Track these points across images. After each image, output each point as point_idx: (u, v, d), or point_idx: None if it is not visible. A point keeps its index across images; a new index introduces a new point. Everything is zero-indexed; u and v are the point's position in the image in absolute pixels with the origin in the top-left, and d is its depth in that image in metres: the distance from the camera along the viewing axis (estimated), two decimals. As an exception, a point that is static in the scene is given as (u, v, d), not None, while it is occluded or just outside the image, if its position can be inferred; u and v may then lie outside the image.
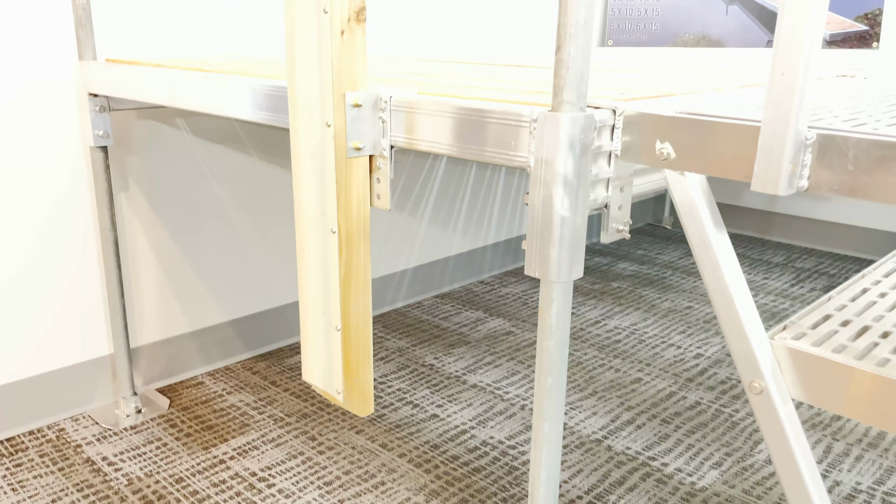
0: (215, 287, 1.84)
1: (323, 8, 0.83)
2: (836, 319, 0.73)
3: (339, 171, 0.89)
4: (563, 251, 0.73)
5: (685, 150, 0.69)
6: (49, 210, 1.52)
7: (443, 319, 2.19)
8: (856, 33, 2.76)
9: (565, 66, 0.69)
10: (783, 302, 2.36)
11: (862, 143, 0.57)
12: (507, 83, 1.06)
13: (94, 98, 1.47)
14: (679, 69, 1.40)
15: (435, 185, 2.30)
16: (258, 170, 1.86)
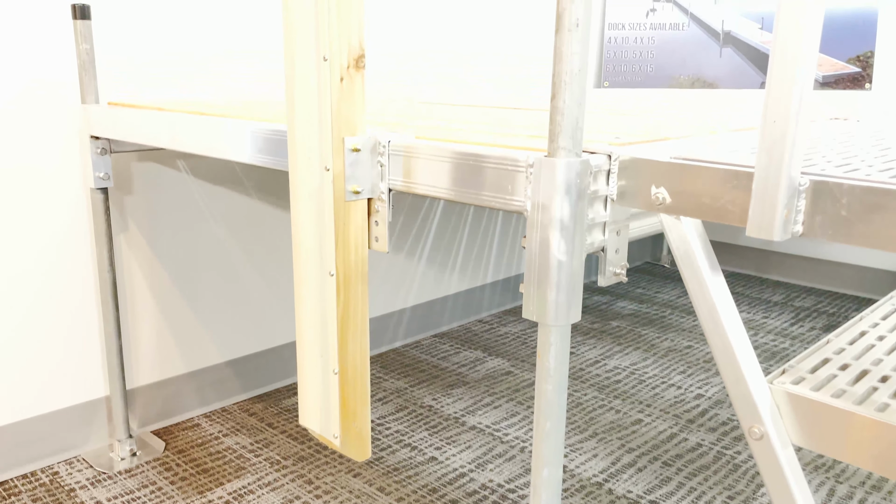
0: (213, 327, 1.84)
1: (323, 55, 0.84)
2: (835, 363, 0.73)
3: (338, 214, 0.90)
4: (561, 295, 0.73)
5: (680, 196, 0.69)
6: (48, 252, 1.53)
7: (441, 359, 2.18)
8: (848, 75, 2.81)
9: (560, 113, 0.70)
10: (783, 341, 2.35)
11: (855, 190, 0.58)
12: (503, 126, 1.08)
13: (96, 140, 1.49)
14: (673, 112, 1.41)
15: (433, 224, 2.31)
16: (257, 211, 1.87)
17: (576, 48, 0.68)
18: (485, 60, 2.42)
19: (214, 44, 1.72)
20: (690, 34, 2.91)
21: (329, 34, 0.83)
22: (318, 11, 0.82)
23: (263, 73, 1.83)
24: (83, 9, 1.45)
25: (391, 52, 2.12)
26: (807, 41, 0.57)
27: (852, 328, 0.85)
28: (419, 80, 2.22)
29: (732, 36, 2.88)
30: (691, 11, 2.89)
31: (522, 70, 2.57)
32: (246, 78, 1.80)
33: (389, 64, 2.13)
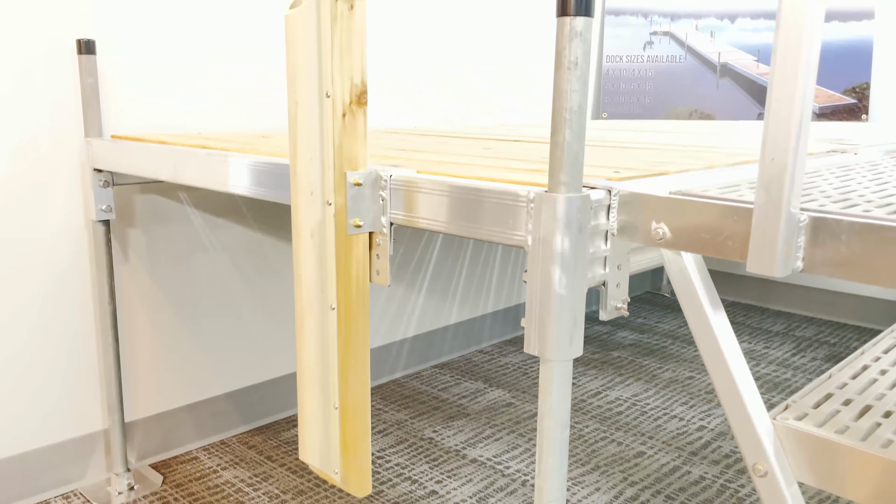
0: (213, 359, 1.83)
1: (325, 92, 0.85)
2: (838, 398, 0.73)
3: (340, 247, 0.90)
4: (563, 329, 0.73)
5: (680, 231, 0.70)
6: (48, 284, 1.53)
7: (442, 390, 2.16)
8: (844, 106, 2.83)
9: (561, 149, 0.71)
10: (784, 372, 2.34)
11: (854, 226, 0.58)
12: (505, 160, 1.08)
13: (99, 173, 1.50)
14: (672, 145, 1.43)
15: (434, 253, 2.32)
16: (258, 242, 1.88)
17: (575, 86, 0.69)
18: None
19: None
20: (687, 66, 2.95)
21: (332, 72, 0.84)
22: (320, 50, 0.83)
23: (267, 104, 1.85)
24: (88, 44, 1.47)
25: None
26: (804, 80, 0.58)
27: (854, 362, 0.85)
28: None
29: (729, 68, 2.91)
30: (688, 44, 2.93)
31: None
32: (250, 110, 1.81)
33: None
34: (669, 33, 2.95)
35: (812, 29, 0.57)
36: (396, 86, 2.16)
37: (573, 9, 0.67)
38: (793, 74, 0.58)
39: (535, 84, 2.63)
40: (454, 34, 2.30)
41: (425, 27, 2.21)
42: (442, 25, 2.26)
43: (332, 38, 0.83)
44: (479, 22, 2.38)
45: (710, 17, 2.91)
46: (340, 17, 0.83)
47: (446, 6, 2.26)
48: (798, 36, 0.57)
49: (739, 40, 2.91)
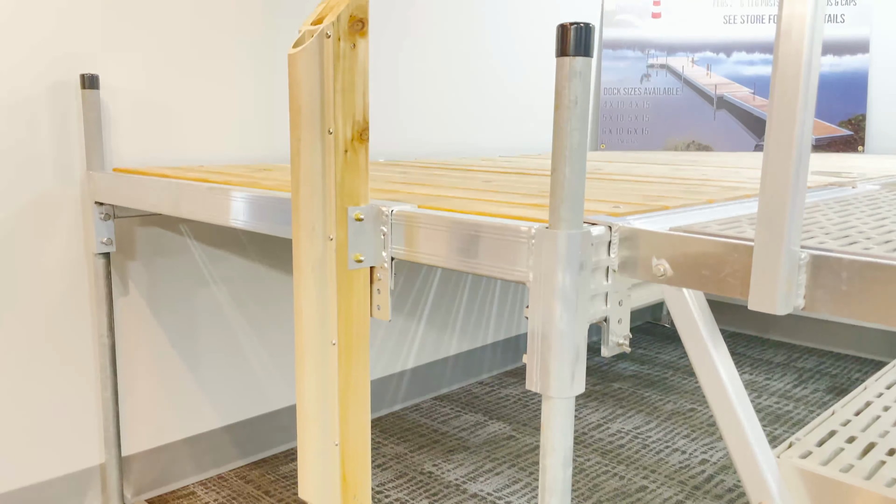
0: (211, 392, 1.82)
1: (328, 129, 0.86)
2: (842, 436, 0.73)
3: (341, 282, 0.90)
4: (564, 366, 0.73)
5: (681, 267, 0.70)
6: (48, 316, 1.52)
7: (442, 423, 2.15)
8: (841, 138, 2.86)
9: (561, 186, 0.71)
10: (786, 404, 2.32)
11: (854, 264, 0.58)
12: (505, 193, 1.09)
13: (100, 206, 1.50)
14: (670, 178, 1.43)
15: (434, 283, 2.32)
16: (258, 274, 1.88)
17: (575, 124, 0.70)
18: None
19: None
20: (685, 98, 2.98)
21: (334, 109, 0.85)
22: (323, 88, 0.84)
23: (268, 138, 1.86)
24: (92, 79, 1.48)
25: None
26: (802, 120, 0.58)
27: (857, 398, 0.84)
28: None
29: (725, 100, 2.94)
30: (685, 76, 2.96)
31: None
32: (252, 143, 1.83)
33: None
34: (666, 66, 2.98)
35: (809, 71, 0.58)
36: (398, 114, 2.18)
37: (572, 49, 0.68)
38: (790, 114, 0.59)
39: (536, 113, 2.66)
40: (457, 62, 2.33)
41: (429, 55, 2.24)
42: (445, 53, 2.28)
43: (335, 77, 0.84)
44: (481, 49, 2.41)
45: (706, 51, 2.95)
46: (343, 55, 0.85)
47: (449, 34, 2.29)
48: (795, 77, 0.58)
49: (735, 72, 2.94)
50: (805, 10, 0.58)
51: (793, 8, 0.58)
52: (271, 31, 1.84)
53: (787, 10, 0.59)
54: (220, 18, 1.73)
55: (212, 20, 1.72)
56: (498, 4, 2.44)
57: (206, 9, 1.70)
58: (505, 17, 2.48)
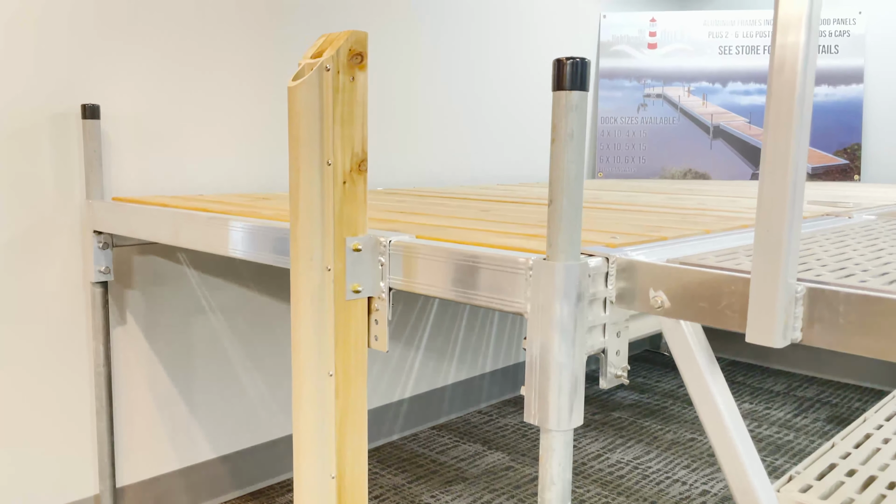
0: (207, 421, 1.81)
1: (327, 160, 0.86)
2: (842, 469, 0.72)
3: (338, 313, 0.90)
4: (563, 398, 0.72)
5: (679, 299, 0.70)
6: (44, 346, 1.52)
7: (440, 453, 2.13)
8: (837, 167, 2.88)
9: (558, 218, 0.72)
10: (787, 433, 2.31)
11: (851, 298, 0.58)
12: (503, 223, 1.09)
13: (98, 235, 1.50)
14: (667, 207, 1.44)
15: (432, 311, 2.31)
16: (256, 303, 1.87)
17: (571, 157, 0.70)
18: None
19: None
20: (681, 127, 3.00)
21: (333, 141, 0.86)
22: (322, 120, 0.85)
23: (267, 167, 1.87)
24: (92, 109, 1.49)
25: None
26: (795, 155, 0.59)
27: (857, 430, 0.84)
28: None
29: (722, 129, 2.97)
30: (681, 106, 2.99)
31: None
32: (251, 172, 1.84)
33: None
34: (662, 95, 3.01)
35: (802, 106, 0.58)
36: (398, 142, 2.19)
37: (568, 83, 0.69)
38: (785, 148, 0.59)
39: (534, 142, 2.67)
40: (456, 92, 2.35)
41: (428, 85, 2.26)
42: (445, 84, 2.30)
43: (334, 109, 0.85)
44: (480, 79, 2.43)
45: (702, 81, 2.98)
46: (342, 88, 0.85)
47: (448, 65, 2.31)
48: (788, 112, 0.59)
49: (731, 102, 2.97)
50: (798, 41, 0.59)
51: (785, 39, 0.59)
52: (271, 63, 1.86)
53: (780, 42, 0.60)
54: (220, 50, 1.75)
55: (213, 52, 1.74)
56: (497, 36, 2.47)
57: (208, 40, 1.72)
58: (503, 48, 2.51)
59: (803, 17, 0.59)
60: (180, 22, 1.67)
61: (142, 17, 1.61)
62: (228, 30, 1.76)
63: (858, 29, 2.84)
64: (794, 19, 0.59)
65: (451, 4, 2.31)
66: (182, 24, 1.67)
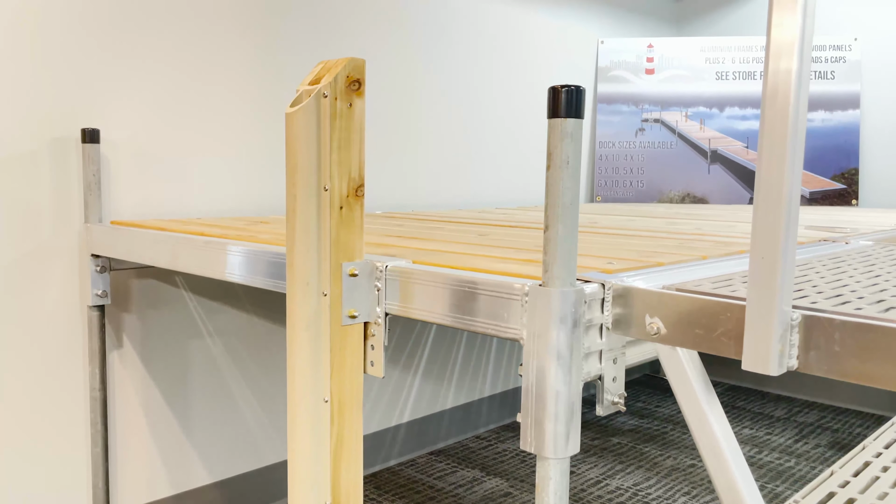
0: (203, 446, 1.79)
1: (324, 185, 0.87)
2: (841, 498, 0.71)
3: (334, 338, 0.90)
4: (559, 426, 0.72)
5: (675, 326, 0.70)
6: (40, 369, 1.51)
7: (437, 479, 2.11)
8: (834, 191, 2.89)
9: (554, 244, 0.72)
10: (788, 460, 2.29)
11: (847, 325, 0.58)
12: (499, 248, 1.10)
13: (96, 258, 1.50)
14: (664, 232, 1.44)
15: (430, 335, 2.30)
16: (253, 326, 1.87)
17: (567, 184, 0.70)
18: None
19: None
20: (679, 152, 3.02)
21: (330, 167, 0.86)
22: (320, 145, 0.86)
23: (265, 190, 1.88)
24: (92, 133, 1.50)
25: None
26: (789, 182, 0.59)
27: (856, 458, 0.83)
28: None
29: (719, 154, 2.98)
30: (679, 131, 3.01)
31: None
32: (249, 195, 1.84)
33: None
34: (660, 120, 3.03)
35: (795, 132, 0.59)
36: (396, 167, 2.20)
37: (564, 111, 0.70)
38: (779, 176, 0.59)
39: (532, 165, 2.68)
40: (455, 116, 2.36)
41: (427, 110, 2.27)
42: (443, 109, 2.32)
43: (332, 135, 0.86)
44: (478, 104, 2.45)
45: (700, 106, 3.00)
46: (340, 114, 0.86)
47: (446, 91, 2.33)
48: (782, 139, 0.59)
49: (728, 127, 2.99)
50: (791, 67, 0.59)
51: (778, 65, 0.60)
52: (269, 88, 1.87)
53: (772, 68, 0.60)
54: (219, 75, 1.76)
55: (212, 77, 1.75)
56: (495, 61, 2.50)
57: (207, 66, 1.74)
58: (502, 73, 2.53)
59: (795, 43, 0.59)
60: (180, 48, 1.69)
61: (142, 42, 1.62)
62: (227, 56, 1.78)
63: (854, 55, 2.87)
64: (787, 46, 0.59)
65: (450, 30, 2.33)
66: (181, 50, 1.69)
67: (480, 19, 2.43)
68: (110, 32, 1.57)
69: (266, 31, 1.85)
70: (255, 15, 1.82)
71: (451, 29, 2.34)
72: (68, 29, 1.51)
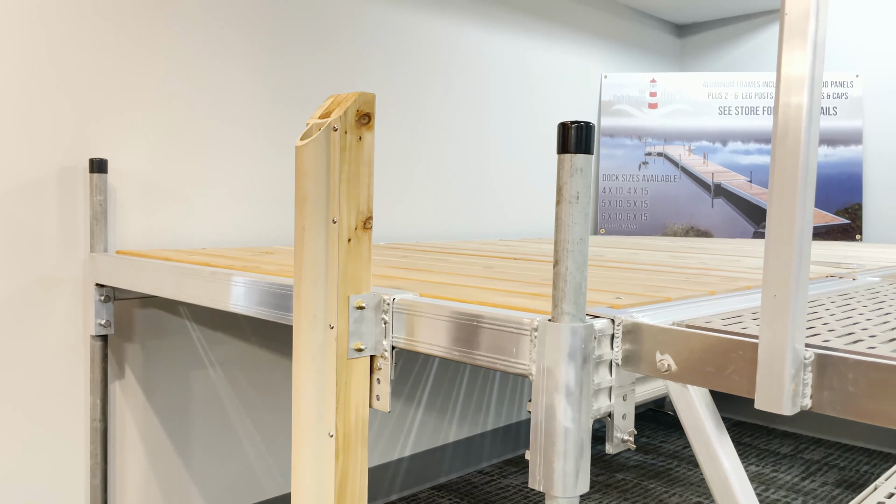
0: (203, 479, 1.77)
1: (332, 218, 0.87)
2: (856, 541, 0.70)
3: (340, 372, 0.89)
4: (569, 464, 0.71)
5: (685, 363, 0.69)
6: (41, 398, 1.50)
7: (440, 514, 2.08)
8: (838, 226, 2.89)
9: (563, 279, 0.71)
10: (795, 498, 2.25)
11: (860, 365, 0.57)
12: (506, 281, 1.09)
13: (101, 288, 1.50)
14: (671, 266, 1.44)
15: (433, 368, 2.29)
16: (256, 357, 1.86)
17: (576, 219, 0.70)
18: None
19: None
20: (682, 186, 3.03)
21: (339, 199, 0.86)
22: (329, 178, 0.86)
23: (273, 221, 1.88)
24: (100, 163, 1.51)
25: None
26: (802, 214, 0.59)
27: (868, 498, 0.82)
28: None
29: (723, 188, 2.99)
30: (682, 164, 3.02)
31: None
32: (255, 227, 1.85)
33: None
34: (663, 154, 3.05)
35: (807, 167, 0.59)
36: (401, 197, 2.21)
37: (573, 146, 0.70)
38: (790, 210, 0.59)
39: (535, 198, 2.69)
40: (460, 149, 2.37)
41: (433, 143, 2.29)
42: (449, 142, 2.33)
43: (341, 168, 0.86)
44: (483, 137, 2.46)
45: (703, 140, 3.02)
46: (349, 147, 0.86)
47: (453, 124, 2.35)
48: (793, 173, 0.59)
49: (731, 161, 3.00)
50: (801, 102, 0.60)
51: (789, 100, 0.60)
52: (276, 120, 1.89)
53: (783, 102, 0.60)
54: (228, 107, 1.78)
55: (219, 108, 1.76)
56: (500, 95, 2.52)
57: (215, 97, 1.75)
58: (506, 106, 2.55)
59: (806, 78, 0.60)
60: (189, 79, 1.70)
61: (151, 73, 1.64)
62: (235, 88, 1.79)
63: (856, 91, 2.89)
64: (797, 81, 0.60)
65: (456, 64, 2.36)
66: (190, 81, 1.71)
67: (486, 54, 2.46)
68: (119, 63, 1.59)
69: (275, 64, 1.87)
70: (264, 48, 1.85)
71: (458, 63, 2.36)
72: (77, 59, 1.52)
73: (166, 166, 1.67)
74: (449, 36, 2.33)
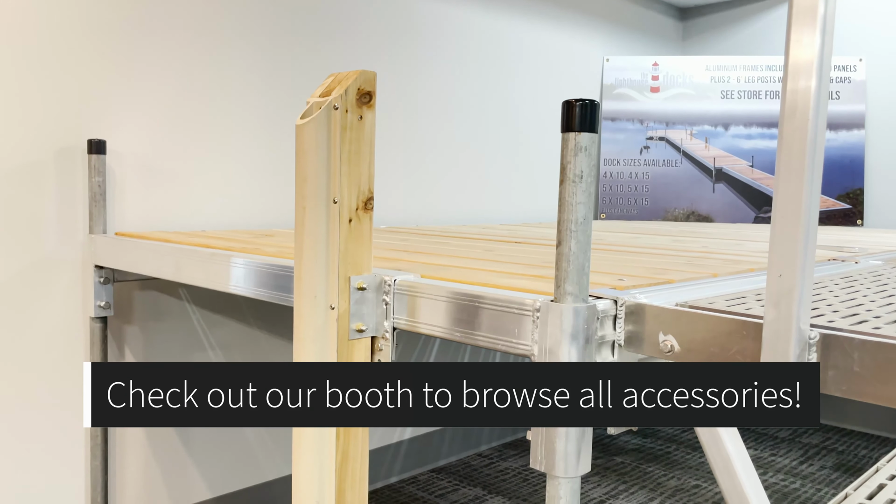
0: (203, 461, 1.77)
1: (333, 198, 0.86)
2: (858, 522, 0.70)
3: (341, 353, 0.89)
4: (570, 445, 0.71)
5: (689, 344, 0.69)
6: (40, 383, 1.50)
7: (439, 497, 2.09)
8: (840, 211, 2.88)
9: (566, 260, 0.71)
10: (793, 481, 2.26)
11: (866, 345, 0.57)
12: (507, 263, 1.09)
13: (100, 270, 1.50)
14: (672, 250, 1.43)
15: (433, 348, 2.29)
16: (256, 340, 1.86)
17: (580, 198, 0.70)
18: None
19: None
20: (684, 170, 3.02)
21: (339, 179, 0.85)
22: (330, 158, 0.85)
23: (271, 203, 1.87)
24: (99, 144, 1.50)
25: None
26: (808, 199, 0.58)
27: (870, 480, 0.82)
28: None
29: (724, 172, 2.98)
30: (684, 149, 3.01)
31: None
32: (255, 208, 1.84)
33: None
34: (665, 138, 3.03)
35: (815, 149, 0.58)
36: (401, 181, 2.20)
37: (578, 125, 0.69)
38: (797, 193, 0.59)
39: (537, 182, 2.68)
40: (461, 133, 2.36)
41: (434, 126, 2.27)
42: (449, 125, 2.32)
43: (342, 147, 0.85)
44: (484, 121, 2.45)
45: (705, 124, 3.01)
46: (350, 126, 0.86)
47: (453, 107, 2.33)
48: (801, 157, 0.58)
49: (733, 146, 2.99)
50: (809, 86, 0.59)
51: (797, 84, 0.59)
52: (277, 100, 1.87)
53: (791, 87, 0.60)
54: (227, 87, 1.77)
55: (219, 89, 1.75)
56: (501, 78, 2.50)
57: (214, 77, 1.74)
58: (507, 90, 2.53)
59: (814, 61, 0.59)
60: (188, 59, 1.69)
61: (149, 53, 1.62)
62: (235, 68, 1.78)
63: (859, 76, 2.87)
64: (806, 64, 0.59)
65: (457, 47, 2.34)
66: (189, 62, 1.69)
67: (488, 37, 2.44)
68: (118, 43, 1.57)
69: (275, 44, 1.85)
70: (264, 28, 1.83)
71: (459, 45, 2.34)
72: (75, 39, 1.51)
73: (165, 147, 1.66)
74: (450, 18, 2.31)
